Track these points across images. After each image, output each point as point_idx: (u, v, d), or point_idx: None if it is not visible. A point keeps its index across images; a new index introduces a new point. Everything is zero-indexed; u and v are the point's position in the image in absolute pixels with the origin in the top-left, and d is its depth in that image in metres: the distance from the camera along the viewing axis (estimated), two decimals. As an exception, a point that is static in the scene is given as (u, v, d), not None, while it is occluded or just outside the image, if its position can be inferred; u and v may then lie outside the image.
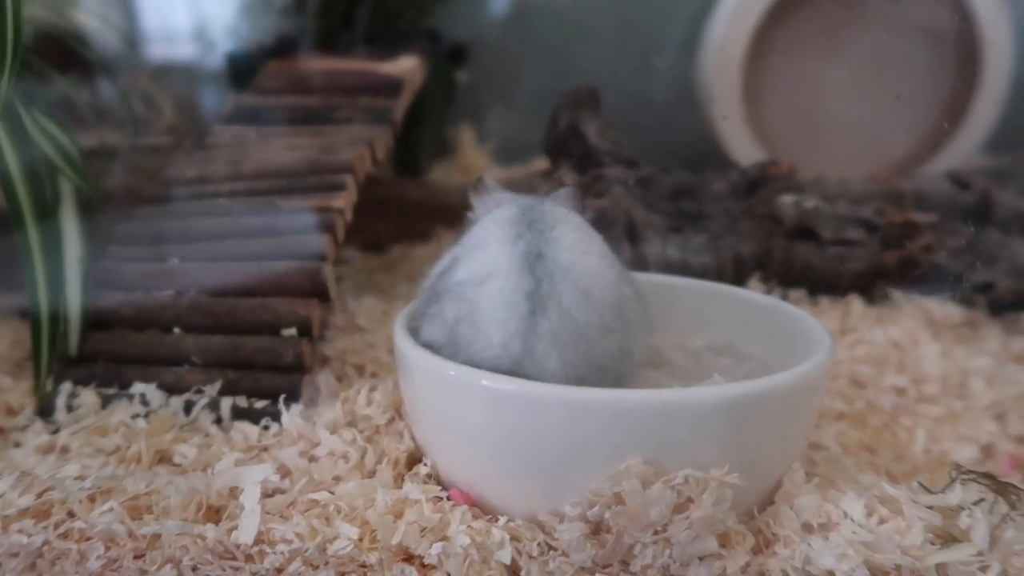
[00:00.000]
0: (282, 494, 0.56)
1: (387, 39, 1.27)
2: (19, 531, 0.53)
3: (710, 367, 0.64)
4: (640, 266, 0.92)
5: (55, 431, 0.66)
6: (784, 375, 0.52)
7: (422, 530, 0.51)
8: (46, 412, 0.70)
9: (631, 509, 0.48)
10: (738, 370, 0.64)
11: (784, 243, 0.95)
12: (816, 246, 0.95)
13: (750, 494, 0.52)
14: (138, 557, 0.52)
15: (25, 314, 0.89)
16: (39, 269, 0.70)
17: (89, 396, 0.70)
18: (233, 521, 0.53)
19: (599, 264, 0.56)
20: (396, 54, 1.16)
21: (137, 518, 0.54)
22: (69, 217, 0.75)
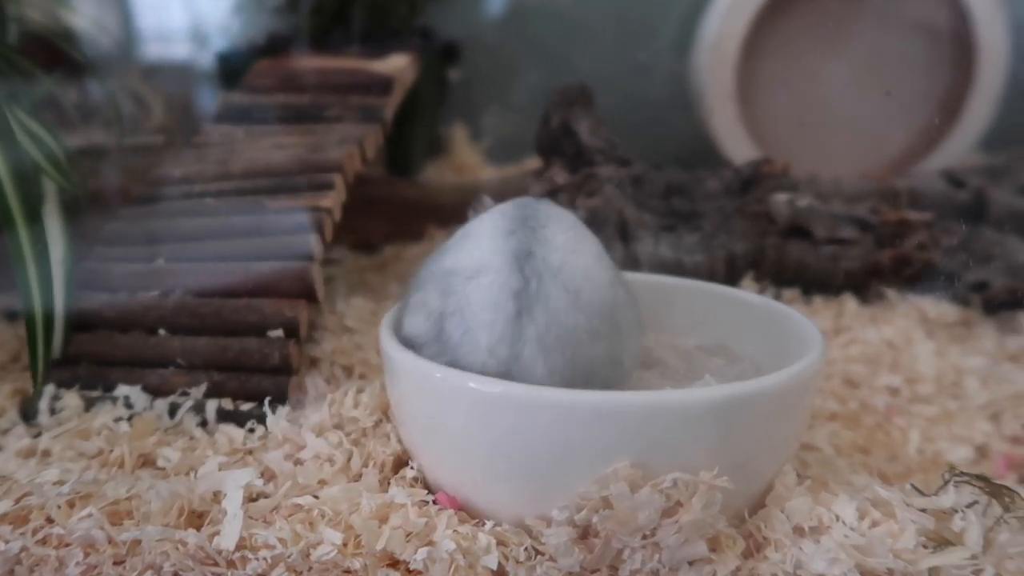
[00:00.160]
0: (266, 498, 0.55)
1: (379, 37, 1.26)
2: (-3, 537, 0.52)
3: (701, 367, 0.63)
4: (632, 265, 0.91)
5: (37, 434, 0.65)
6: (775, 376, 0.51)
7: (407, 535, 0.50)
8: (29, 415, 0.69)
9: (619, 513, 0.47)
10: (730, 370, 0.63)
11: (777, 242, 0.94)
12: (810, 245, 0.94)
13: (740, 497, 0.51)
14: (118, 563, 0.51)
15: (11, 316, 0.88)
16: (31, 271, 0.69)
17: (72, 399, 0.69)
18: (215, 526, 0.52)
19: (591, 265, 0.54)
20: (387, 52, 1.15)
21: (117, 523, 0.53)
22: (52, 218, 0.74)
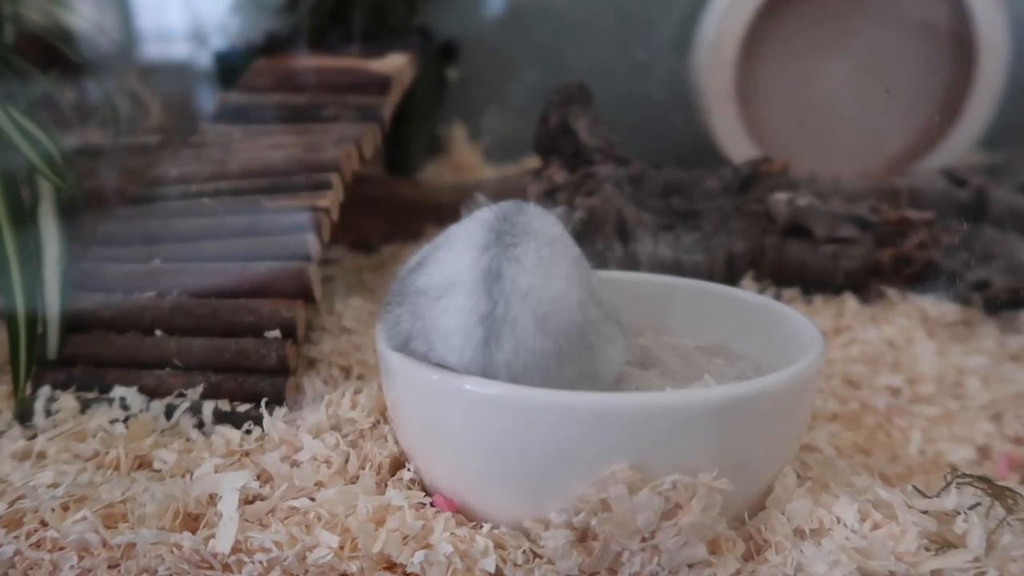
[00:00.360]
0: (262, 501, 0.55)
1: (377, 36, 1.26)
2: (-10, 541, 0.51)
3: (701, 368, 0.62)
4: (631, 265, 0.91)
5: (32, 436, 0.65)
6: (775, 376, 0.50)
7: (404, 538, 0.50)
8: (25, 417, 0.68)
9: (618, 516, 0.47)
10: (729, 371, 0.63)
11: (777, 241, 0.94)
12: (810, 244, 0.94)
13: (740, 499, 0.51)
14: (113, 567, 0.51)
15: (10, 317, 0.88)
16: (16, 273, 0.69)
17: (68, 400, 0.68)
18: (211, 529, 0.52)
19: (559, 287, 0.53)
20: (386, 51, 1.15)
21: (112, 527, 0.52)
22: (48, 218, 0.73)
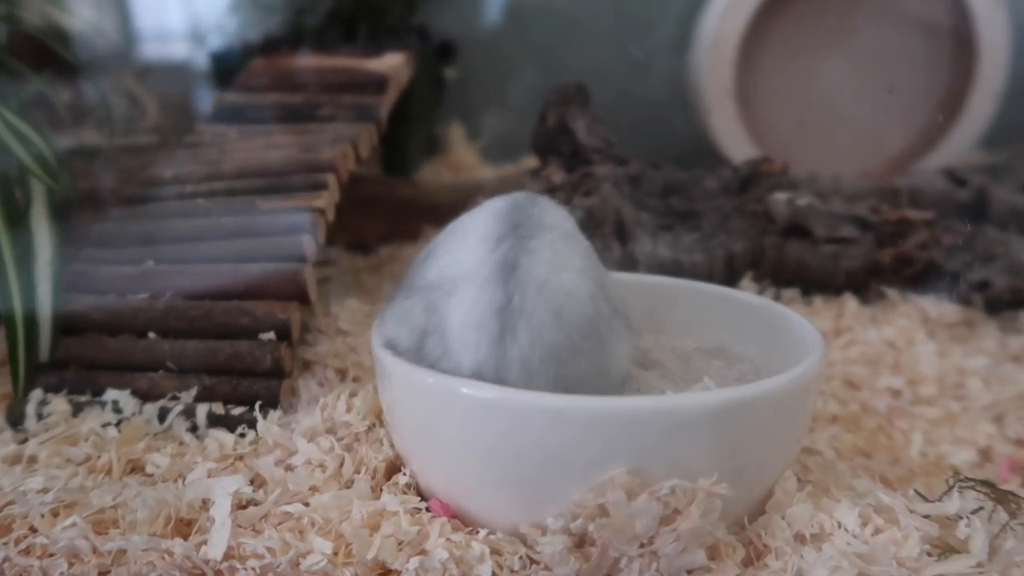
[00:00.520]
0: (255, 506, 0.54)
1: (375, 36, 1.25)
2: (-21, 547, 0.50)
3: (700, 370, 0.62)
4: (630, 265, 0.90)
5: (23, 440, 0.64)
6: (775, 379, 0.50)
7: (399, 544, 0.49)
8: (16, 420, 0.67)
9: (616, 521, 0.46)
10: (729, 372, 0.62)
11: (777, 241, 0.93)
12: (809, 244, 0.93)
13: (740, 504, 0.50)
14: (103, 574, 0.50)
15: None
16: (11, 274, 0.68)
17: (60, 404, 0.67)
18: (203, 535, 0.51)
19: (573, 280, 0.52)
20: (383, 51, 1.14)
21: (103, 533, 0.52)
22: (40, 220, 0.73)
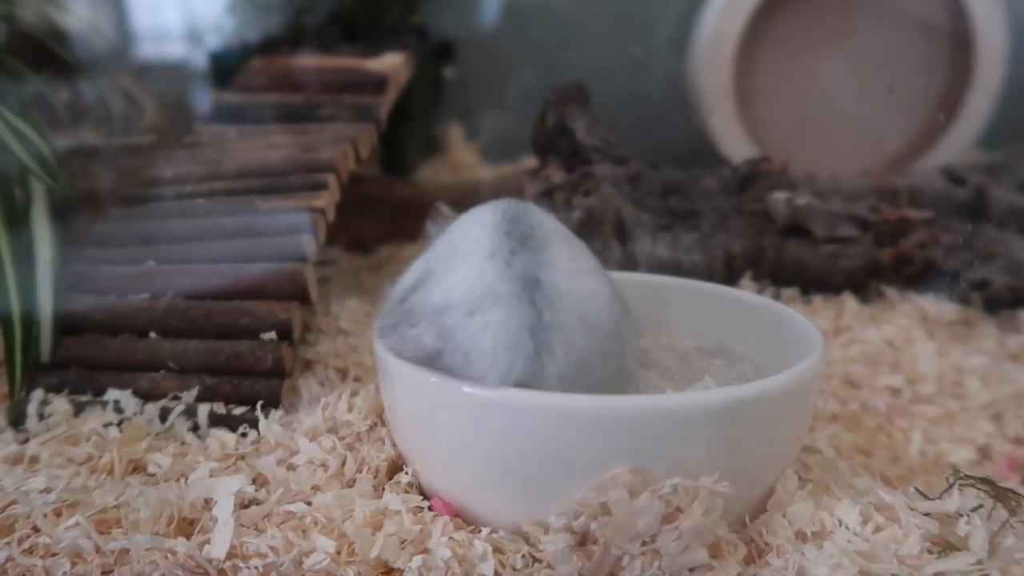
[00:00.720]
0: (258, 505, 0.54)
1: (374, 36, 1.25)
2: (-18, 547, 0.50)
3: (700, 369, 0.62)
4: (630, 265, 0.90)
5: (25, 440, 0.64)
6: (775, 378, 0.50)
7: (402, 542, 0.49)
8: (17, 421, 0.67)
9: (618, 519, 0.46)
10: (729, 372, 0.62)
11: (776, 241, 0.93)
12: (809, 244, 0.93)
13: (741, 502, 0.50)
14: (106, 573, 0.50)
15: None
16: (10, 273, 0.68)
17: (61, 404, 0.67)
18: (206, 534, 0.51)
19: (592, 284, 0.52)
20: (382, 51, 1.14)
21: (105, 532, 0.52)
22: (40, 219, 0.73)
